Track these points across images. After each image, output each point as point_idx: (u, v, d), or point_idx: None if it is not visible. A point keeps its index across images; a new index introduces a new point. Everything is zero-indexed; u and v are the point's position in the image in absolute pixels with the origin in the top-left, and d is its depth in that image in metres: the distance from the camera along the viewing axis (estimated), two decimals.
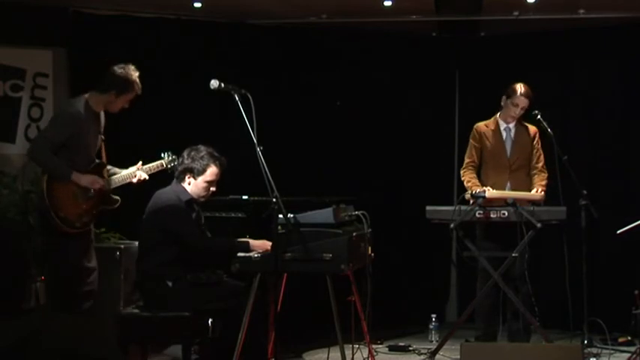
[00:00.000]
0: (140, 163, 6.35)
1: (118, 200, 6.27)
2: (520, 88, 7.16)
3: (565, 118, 8.23)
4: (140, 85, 6.18)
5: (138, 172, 6.30)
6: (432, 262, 8.89)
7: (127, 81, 6.12)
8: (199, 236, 5.96)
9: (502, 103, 7.26)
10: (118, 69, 6.14)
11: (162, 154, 6.42)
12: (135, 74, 6.16)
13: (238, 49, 8.25)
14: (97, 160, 6.22)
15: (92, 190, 6.09)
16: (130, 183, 6.30)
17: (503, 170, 7.25)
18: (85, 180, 6.06)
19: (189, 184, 6.02)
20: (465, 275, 8.33)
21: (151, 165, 6.37)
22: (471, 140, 7.36)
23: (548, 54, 8.50)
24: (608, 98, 8.40)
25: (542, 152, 7.25)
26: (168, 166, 6.36)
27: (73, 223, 6.01)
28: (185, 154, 6.06)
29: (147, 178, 6.33)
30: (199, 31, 8.23)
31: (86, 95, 6.18)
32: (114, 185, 6.25)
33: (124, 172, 6.30)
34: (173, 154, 6.38)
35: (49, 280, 6.68)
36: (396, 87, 8.69)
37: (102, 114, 6.29)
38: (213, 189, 6.09)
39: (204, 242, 5.97)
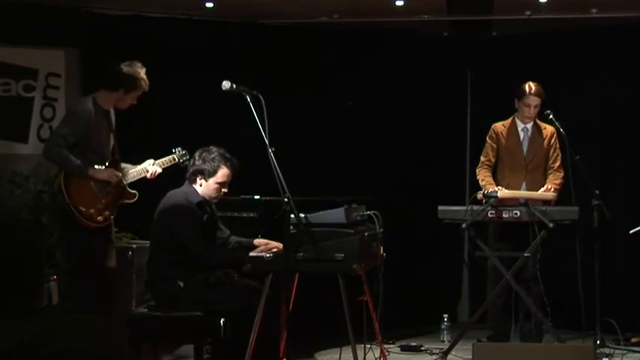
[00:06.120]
0: (152, 160, 6.39)
1: (135, 194, 6.34)
2: (529, 87, 7.17)
3: (578, 117, 8.20)
4: (147, 82, 6.25)
5: (151, 167, 6.34)
6: (443, 262, 8.88)
7: (134, 78, 6.19)
8: (199, 243, 5.91)
9: (516, 106, 7.27)
10: (125, 66, 6.20)
11: (174, 150, 6.48)
12: (142, 71, 6.23)
13: (250, 49, 8.25)
14: (110, 158, 6.28)
15: (110, 184, 6.15)
16: (144, 178, 6.35)
17: (519, 170, 7.25)
18: (103, 174, 6.12)
19: (200, 185, 6.03)
20: (476, 275, 8.32)
21: (162, 159, 6.43)
22: (487, 139, 7.37)
23: (561, 53, 8.48)
24: (620, 97, 8.38)
25: (559, 152, 7.25)
26: (180, 160, 6.43)
27: (94, 217, 6.07)
28: (196, 155, 6.07)
29: (160, 171, 6.38)
30: (211, 31, 8.23)
31: (94, 94, 6.25)
32: (129, 180, 6.30)
33: (138, 167, 6.36)
34: (183, 149, 6.44)
35: (66, 279, 6.73)
36: (408, 87, 8.67)
37: (112, 112, 6.35)
38: (224, 190, 6.09)
39: (203, 253, 5.92)
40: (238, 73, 6.62)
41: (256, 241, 6.13)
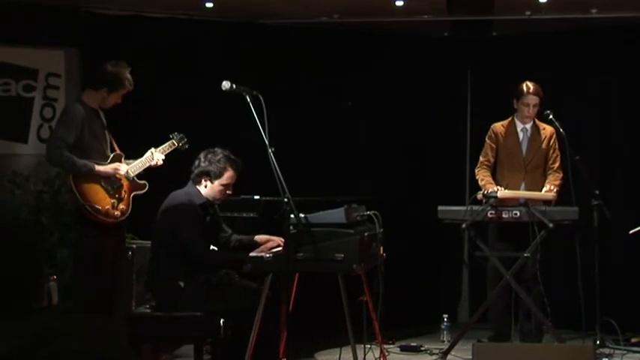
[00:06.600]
0: (152, 148, 6.41)
1: (145, 184, 6.40)
2: (527, 87, 7.17)
3: (578, 117, 8.20)
4: (132, 81, 6.27)
5: (156, 155, 6.37)
6: (444, 262, 8.89)
7: (118, 78, 6.23)
8: (200, 244, 5.92)
9: (515, 106, 7.28)
10: (110, 66, 6.24)
11: (171, 135, 6.53)
12: (126, 71, 6.26)
13: (249, 49, 8.25)
14: (112, 154, 6.31)
15: (119, 178, 6.18)
16: (150, 167, 6.37)
17: (518, 170, 7.26)
18: (109, 168, 6.16)
19: (205, 187, 6.02)
20: (476, 275, 8.32)
21: (162, 146, 6.48)
22: (487, 140, 7.37)
23: (561, 53, 8.48)
24: (621, 97, 8.38)
25: (559, 153, 7.25)
26: (179, 144, 6.48)
27: (111, 213, 6.11)
28: (201, 156, 6.05)
29: (164, 157, 6.44)
30: (211, 31, 8.23)
31: (81, 94, 6.31)
32: (135, 172, 6.33)
33: (141, 159, 6.39)
34: (180, 133, 6.53)
35: (68, 279, 6.76)
36: (408, 87, 8.67)
37: (100, 110, 6.38)
38: (229, 192, 6.09)
39: (203, 253, 5.93)
40: (238, 73, 6.61)
41: (257, 238, 6.14)
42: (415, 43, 8.78)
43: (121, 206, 6.22)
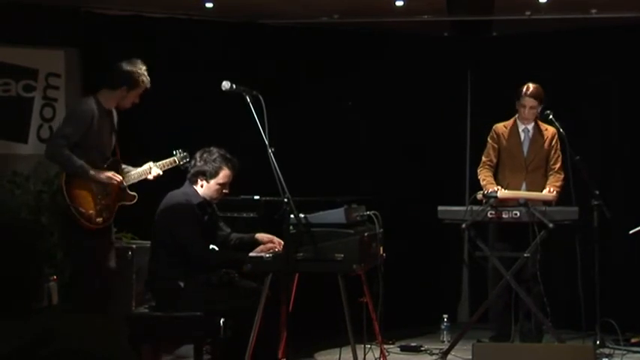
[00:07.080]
0: (151, 162, 6.39)
1: (135, 196, 6.33)
2: (526, 88, 7.17)
3: (578, 117, 8.21)
4: (149, 79, 6.24)
5: (153, 169, 6.35)
6: (444, 262, 8.89)
7: (136, 75, 6.19)
8: (199, 244, 5.91)
9: (516, 107, 7.28)
10: (126, 64, 6.21)
11: (174, 152, 6.49)
12: (143, 68, 6.24)
13: (250, 49, 8.25)
14: (111, 158, 6.28)
15: (110, 186, 6.15)
16: (146, 179, 6.35)
17: (519, 170, 7.25)
18: (104, 176, 6.11)
19: (201, 186, 6.02)
20: (476, 275, 8.32)
21: (163, 162, 6.43)
22: (489, 140, 7.38)
23: (561, 53, 8.48)
24: (621, 97, 8.38)
25: (560, 154, 7.24)
26: (180, 162, 6.44)
27: (94, 219, 6.06)
28: (197, 156, 6.06)
29: (161, 173, 6.38)
30: (211, 32, 8.23)
31: (96, 94, 6.24)
32: (129, 182, 6.30)
33: (139, 169, 6.35)
34: (184, 151, 6.46)
35: (67, 279, 6.74)
36: (408, 87, 8.67)
37: (114, 112, 6.34)
38: (225, 191, 6.09)
39: (202, 253, 5.92)
40: (238, 73, 6.61)
41: (258, 236, 6.13)
42: (415, 43, 8.78)
43: (105, 214, 6.16)
